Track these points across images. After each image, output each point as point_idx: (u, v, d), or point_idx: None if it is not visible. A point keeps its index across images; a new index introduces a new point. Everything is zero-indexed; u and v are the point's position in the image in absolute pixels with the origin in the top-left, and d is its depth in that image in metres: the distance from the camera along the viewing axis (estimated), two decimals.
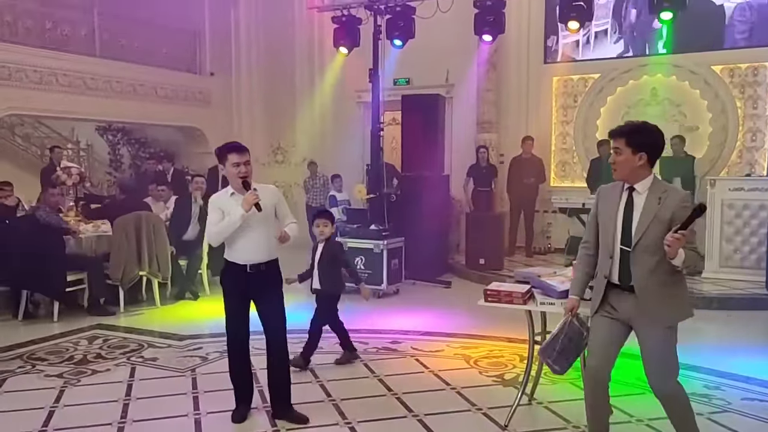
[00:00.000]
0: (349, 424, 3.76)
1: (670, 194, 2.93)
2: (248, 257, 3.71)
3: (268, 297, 3.80)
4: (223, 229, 3.66)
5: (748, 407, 3.99)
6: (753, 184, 7.55)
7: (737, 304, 6.68)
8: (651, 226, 2.90)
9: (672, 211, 2.87)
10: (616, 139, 3.02)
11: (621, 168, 2.99)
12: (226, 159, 3.68)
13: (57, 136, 14.11)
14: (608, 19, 9.82)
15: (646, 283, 2.93)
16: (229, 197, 3.73)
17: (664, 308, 2.94)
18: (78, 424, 3.78)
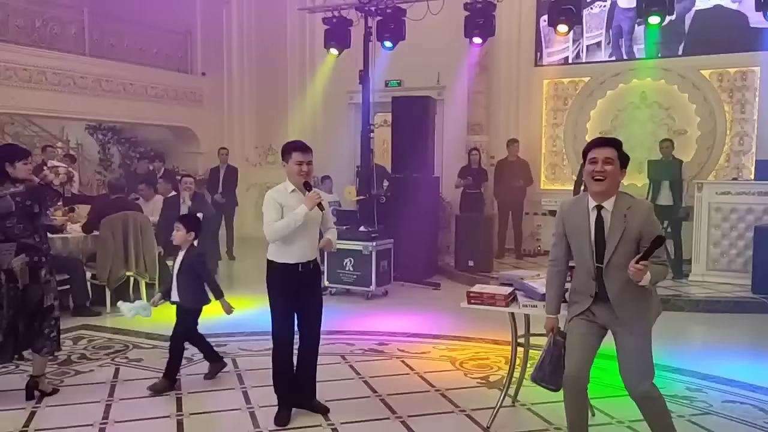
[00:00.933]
0: (332, 426, 3.76)
1: (635, 209, 2.94)
2: (301, 256, 3.76)
3: (312, 294, 3.89)
4: (285, 227, 3.66)
5: (729, 409, 4.02)
6: (740, 187, 7.60)
7: (723, 307, 6.73)
8: (620, 245, 2.92)
9: (639, 229, 2.90)
10: (607, 147, 2.96)
11: (610, 179, 2.93)
12: (290, 156, 3.75)
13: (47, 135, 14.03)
14: (601, 30, 9.85)
15: (621, 297, 2.97)
16: (289, 194, 3.77)
17: (641, 317, 3.00)
18: (59, 425, 3.76)
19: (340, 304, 7.09)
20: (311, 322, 3.89)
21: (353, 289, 7.45)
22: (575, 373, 3.03)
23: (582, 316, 3.09)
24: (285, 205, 3.72)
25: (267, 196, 3.80)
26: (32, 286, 4.07)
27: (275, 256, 3.79)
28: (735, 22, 8.89)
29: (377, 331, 5.92)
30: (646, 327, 3.02)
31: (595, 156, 2.95)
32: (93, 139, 13.69)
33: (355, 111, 11.26)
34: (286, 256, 3.75)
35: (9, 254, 4.00)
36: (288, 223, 3.67)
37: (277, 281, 3.78)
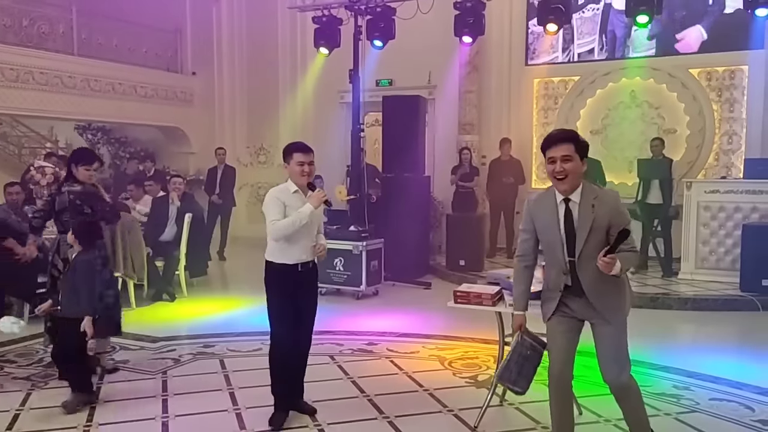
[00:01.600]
0: (319, 426, 3.75)
1: (602, 199, 2.93)
2: (300, 256, 3.75)
3: (309, 294, 3.88)
4: (291, 224, 3.66)
5: (716, 407, 4.02)
6: (728, 186, 7.63)
7: (712, 305, 6.74)
8: (590, 236, 2.91)
9: (608, 219, 2.91)
10: (563, 144, 2.93)
11: (572, 176, 2.92)
12: (291, 157, 3.77)
13: (35, 135, 13.96)
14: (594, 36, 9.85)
15: (596, 288, 2.97)
16: (291, 194, 3.77)
17: (616, 308, 3.01)
18: (43, 428, 3.72)
19: (330, 304, 7.05)
20: (306, 324, 3.87)
21: (343, 288, 7.44)
22: (558, 373, 3.03)
23: (559, 313, 3.07)
24: (288, 205, 3.72)
25: (269, 194, 3.78)
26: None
27: (274, 257, 3.76)
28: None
29: (367, 331, 5.91)
30: (622, 317, 3.04)
31: (553, 155, 2.93)
32: (82, 139, 13.58)
33: (345, 110, 11.23)
34: (286, 256, 3.74)
35: (67, 245, 4.46)
36: (294, 221, 3.66)
37: (275, 282, 3.76)
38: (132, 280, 6.70)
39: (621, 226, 2.85)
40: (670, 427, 3.74)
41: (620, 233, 2.81)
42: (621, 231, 2.83)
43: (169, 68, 12.32)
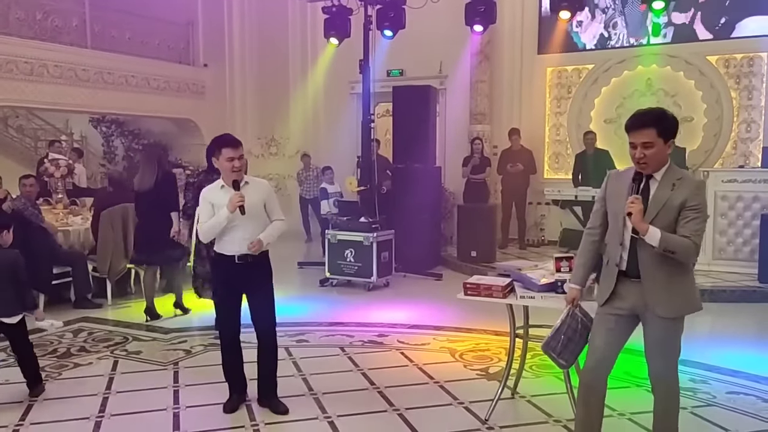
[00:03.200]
0: (329, 418, 3.73)
1: (685, 181, 2.79)
2: (236, 248, 3.71)
3: (257, 289, 3.80)
4: (211, 228, 3.68)
5: (733, 401, 3.96)
6: (746, 175, 7.48)
7: (729, 296, 6.63)
8: (661, 213, 2.76)
9: (684, 197, 2.73)
10: (644, 130, 2.76)
11: (652, 161, 2.77)
12: (219, 153, 3.67)
13: (51, 128, 14.07)
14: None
15: (653, 270, 2.80)
16: (219, 190, 3.73)
17: (670, 298, 2.81)
18: (56, 418, 3.75)
19: (341, 296, 7.07)
20: (260, 319, 3.81)
21: (354, 280, 7.42)
22: (593, 367, 2.96)
23: (610, 309, 2.94)
24: (215, 203, 3.69)
25: (201, 195, 3.79)
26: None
27: (216, 247, 3.79)
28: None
29: (377, 323, 5.88)
30: (675, 311, 2.82)
31: (634, 141, 2.81)
32: (97, 131, 13.69)
33: (356, 101, 11.17)
34: (222, 247, 3.74)
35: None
36: (212, 225, 3.66)
37: (216, 270, 3.83)
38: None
39: (694, 205, 2.70)
40: (685, 420, 3.64)
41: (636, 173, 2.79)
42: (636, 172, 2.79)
43: (182, 60, 12.33)
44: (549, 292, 3.45)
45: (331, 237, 7.42)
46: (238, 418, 3.76)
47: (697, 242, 2.72)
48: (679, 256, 2.72)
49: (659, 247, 2.71)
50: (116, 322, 5.93)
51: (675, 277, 2.80)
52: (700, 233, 2.74)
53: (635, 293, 2.87)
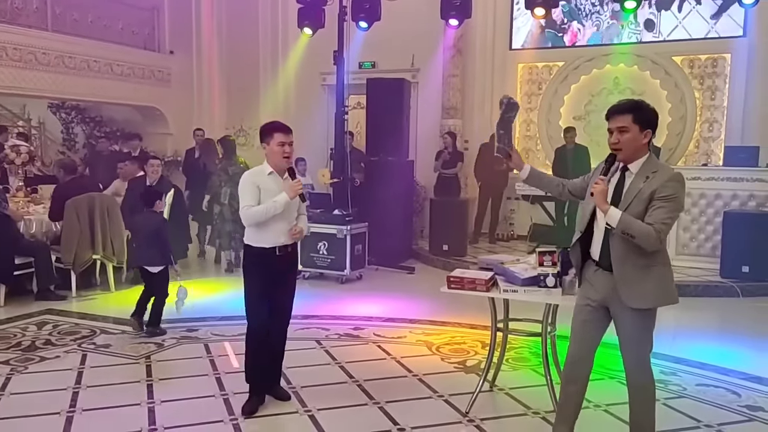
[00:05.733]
0: (309, 412, 3.69)
1: (659, 173, 2.82)
2: (277, 240, 3.66)
3: (287, 279, 3.80)
4: (264, 212, 3.59)
5: (703, 392, 4.07)
6: (710, 173, 7.70)
7: (693, 291, 6.82)
8: (633, 203, 2.81)
9: (655, 187, 2.77)
10: (620, 116, 2.86)
11: (627, 147, 2.84)
12: (271, 137, 3.65)
13: (7, 113, 13.54)
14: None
15: (624, 261, 2.83)
16: (267, 176, 3.68)
17: (642, 289, 2.84)
18: (24, 413, 3.63)
19: (314, 289, 7.01)
20: (283, 309, 3.81)
21: (327, 273, 7.36)
22: (571, 362, 3.08)
23: (584, 300, 3.03)
24: (263, 188, 3.64)
25: (244, 177, 3.71)
26: None
27: (252, 241, 3.70)
28: None
29: (352, 316, 5.85)
30: (646, 302, 2.85)
31: (610, 126, 2.89)
32: (56, 117, 13.24)
33: (327, 92, 11.10)
34: (262, 240, 3.67)
35: None
36: (267, 209, 3.59)
37: (253, 266, 3.69)
38: (111, 262, 6.55)
39: (664, 195, 2.73)
40: (659, 412, 3.67)
41: (610, 155, 2.89)
42: (610, 155, 2.89)
43: (146, 46, 12.00)
44: (532, 286, 3.48)
45: None
46: (216, 412, 3.69)
47: (660, 230, 2.73)
48: (638, 240, 2.75)
49: (618, 228, 2.77)
50: (82, 315, 5.75)
51: (647, 268, 2.83)
52: (667, 222, 2.75)
53: (607, 284, 2.92)
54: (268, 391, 3.86)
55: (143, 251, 5.25)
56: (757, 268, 6.86)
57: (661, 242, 2.78)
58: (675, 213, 2.80)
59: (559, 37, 10.03)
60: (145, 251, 5.21)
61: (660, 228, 2.73)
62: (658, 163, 2.92)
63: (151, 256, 5.17)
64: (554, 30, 10.03)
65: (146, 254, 5.20)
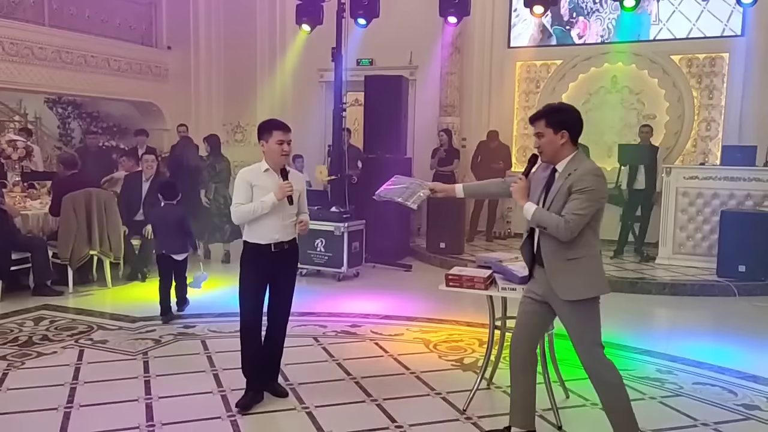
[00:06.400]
0: (307, 409, 3.69)
1: (579, 169, 2.95)
2: (273, 236, 3.66)
3: (285, 276, 3.79)
4: (251, 212, 3.60)
5: (700, 391, 4.08)
6: (707, 172, 7.72)
7: (689, 290, 6.85)
8: (555, 199, 2.96)
9: (572, 182, 2.91)
10: (536, 122, 3.05)
11: (546, 149, 3.02)
12: (270, 135, 3.63)
13: (4, 107, 13.49)
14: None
15: (553, 255, 2.99)
16: (262, 173, 3.67)
17: (570, 281, 2.97)
18: (21, 409, 3.61)
19: (311, 286, 7.01)
20: (281, 306, 3.81)
21: (324, 270, 7.36)
22: (513, 339, 3.22)
23: (528, 293, 3.18)
24: (256, 185, 3.64)
25: (239, 175, 3.71)
26: None
27: (248, 236, 3.71)
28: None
29: (349, 313, 5.85)
30: (576, 293, 2.96)
31: (534, 132, 3.07)
32: (53, 113, 13.19)
33: (325, 89, 11.08)
34: (256, 236, 3.67)
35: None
36: (254, 208, 3.59)
37: (248, 261, 3.70)
38: (108, 258, 6.54)
39: (579, 188, 2.87)
40: (655, 410, 3.79)
41: (532, 156, 3.10)
42: (532, 155, 3.09)
43: (144, 42, 11.95)
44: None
45: None
46: (214, 409, 3.69)
47: (570, 220, 2.86)
48: (551, 232, 2.92)
49: (532, 221, 3.01)
50: (79, 310, 5.74)
51: (574, 260, 2.96)
52: (579, 213, 2.87)
53: (542, 277, 3.08)
54: (266, 388, 3.86)
55: (169, 240, 5.61)
56: (753, 268, 6.89)
57: (571, 233, 2.89)
58: (589, 203, 2.89)
59: (566, 32, 9.98)
60: (171, 240, 5.60)
61: (570, 218, 2.87)
62: (582, 161, 3.02)
63: (177, 245, 5.60)
64: (561, 26, 10.00)
65: (171, 243, 5.60)
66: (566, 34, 10.00)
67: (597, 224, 3.00)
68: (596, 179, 2.92)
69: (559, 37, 10.06)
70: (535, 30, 10.10)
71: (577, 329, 3.01)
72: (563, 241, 2.91)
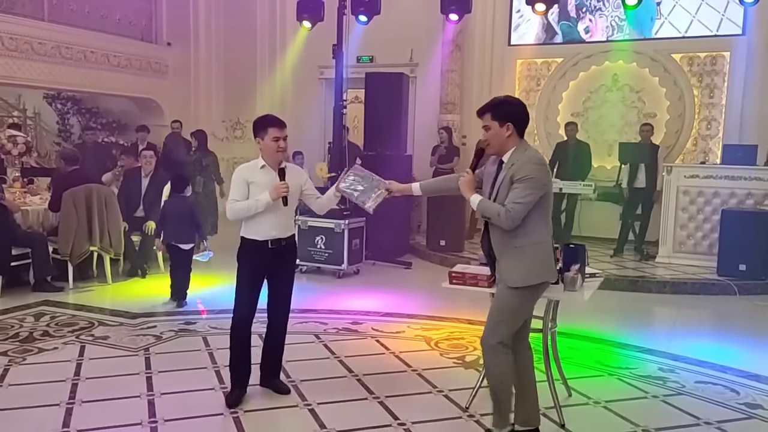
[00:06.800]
0: (309, 406, 3.69)
1: (521, 159, 3.02)
2: (270, 233, 3.64)
3: (283, 272, 3.78)
4: (245, 210, 3.59)
5: (702, 390, 4.08)
6: (708, 171, 7.72)
7: (690, 288, 6.85)
8: (500, 190, 3.06)
9: (513, 172, 2.99)
10: (482, 115, 3.12)
11: (492, 142, 3.11)
12: (265, 132, 3.60)
13: (2, 103, 13.44)
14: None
15: (501, 244, 3.10)
16: (259, 169, 3.64)
17: (511, 269, 3.07)
18: (24, 404, 3.61)
19: (311, 283, 7.01)
20: (281, 302, 3.81)
21: (324, 267, 7.35)
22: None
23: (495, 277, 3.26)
24: (253, 182, 3.62)
25: (236, 172, 3.68)
26: None
27: (245, 233, 3.70)
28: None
29: (350, 310, 5.84)
30: (513, 281, 3.06)
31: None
32: (51, 108, 13.15)
33: (325, 86, 11.07)
34: (254, 232, 3.66)
35: None
36: (248, 206, 3.58)
37: (245, 257, 3.69)
38: (108, 254, 6.52)
39: (520, 177, 2.94)
40: (658, 409, 3.79)
41: (478, 150, 3.20)
42: (479, 149, 3.18)
43: (144, 38, 11.94)
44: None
45: (302, 223, 7.32)
46: (216, 405, 3.68)
47: (511, 209, 2.95)
48: (494, 221, 3.04)
49: (477, 211, 3.13)
50: (79, 306, 5.72)
51: (520, 248, 3.05)
52: (519, 201, 2.95)
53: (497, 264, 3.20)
54: (268, 385, 3.87)
55: (178, 230, 5.83)
56: (754, 267, 6.89)
57: (512, 220, 2.97)
58: (530, 192, 2.96)
59: (573, 27, 9.96)
60: (179, 230, 5.82)
61: (511, 207, 2.96)
62: (525, 152, 3.07)
63: (184, 235, 5.83)
64: (568, 21, 9.98)
65: (180, 233, 5.82)
66: (573, 29, 9.94)
67: (544, 212, 3.07)
68: (536, 167, 3.00)
69: (565, 33, 9.99)
70: (540, 29, 10.07)
71: (498, 306, 3.13)
72: (507, 229, 3.00)
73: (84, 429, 3.33)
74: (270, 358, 3.90)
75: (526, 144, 3.11)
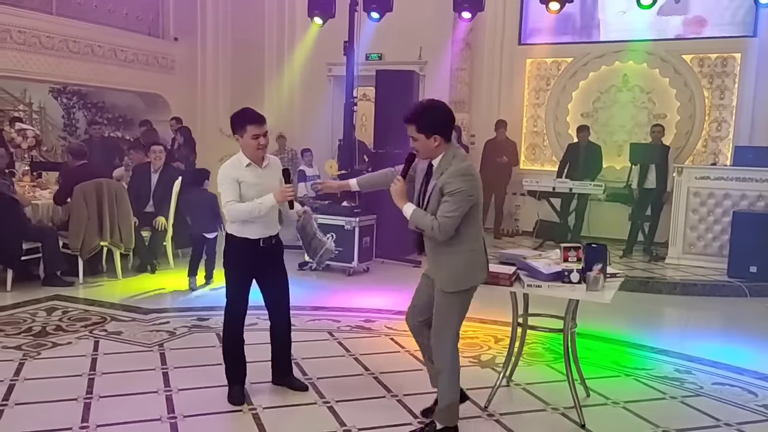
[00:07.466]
0: (328, 404, 3.67)
1: (449, 169, 3.02)
2: (262, 232, 3.62)
3: (276, 269, 3.76)
4: (249, 212, 3.51)
5: (720, 391, 4.06)
6: (718, 173, 7.70)
7: (700, 290, 6.83)
8: (431, 198, 3.07)
9: (443, 183, 3.00)
10: (408, 125, 3.08)
11: (421, 151, 3.12)
12: (244, 130, 3.49)
13: (8, 96, 13.43)
14: None
15: (434, 249, 3.16)
16: (245, 167, 3.56)
17: (441, 273, 3.16)
18: (42, 399, 3.59)
19: (321, 280, 6.99)
20: (279, 299, 3.79)
21: (334, 265, 7.32)
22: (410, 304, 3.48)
23: (426, 271, 3.36)
24: (242, 181, 3.54)
25: (221, 170, 3.57)
26: None
27: (235, 231, 3.63)
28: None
29: (362, 308, 5.83)
30: (444, 285, 3.13)
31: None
32: (57, 102, 13.12)
33: (334, 83, 11.04)
34: (247, 231, 3.61)
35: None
36: (252, 210, 3.50)
37: (235, 256, 3.64)
38: (119, 250, 6.50)
39: (449, 191, 2.96)
40: (677, 410, 3.77)
41: (409, 156, 3.16)
42: (409, 154, 3.16)
43: (151, 32, 11.88)
44: (556, 281, 3.47)
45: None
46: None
47: (442, 223, 2.98)
48: (427, 233, 3.08)
49: (411, 223, 3.13)
50: (90, 301, 5.70)
51: (452, 254, 3.11)
52: (449, 216, 2.97)
53: (430, 265, 3.28)
54: (282, 382, 3.86)
55: (202, 221, 6.27)
56: (765, 269, 6.86)
57: (445, 234, 3.01)
58: (458, 205, 2.99)
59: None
60: (203, 221, 6.26)
61: (442, 221, 2.99)
62: (455, 158, 3.07)
63: (208, 225, 6.25)
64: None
65: (204, 223, 6.26)
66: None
67: (474, 220, 3.10)
68: (464, 179, 2.99)
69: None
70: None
71: (442, 318, 3.18)
72: (439, 240, 3.05)
73: (103, 424, 3.31)
74: (280, 355, 3.89)
75: (454, 149, 3.10)
